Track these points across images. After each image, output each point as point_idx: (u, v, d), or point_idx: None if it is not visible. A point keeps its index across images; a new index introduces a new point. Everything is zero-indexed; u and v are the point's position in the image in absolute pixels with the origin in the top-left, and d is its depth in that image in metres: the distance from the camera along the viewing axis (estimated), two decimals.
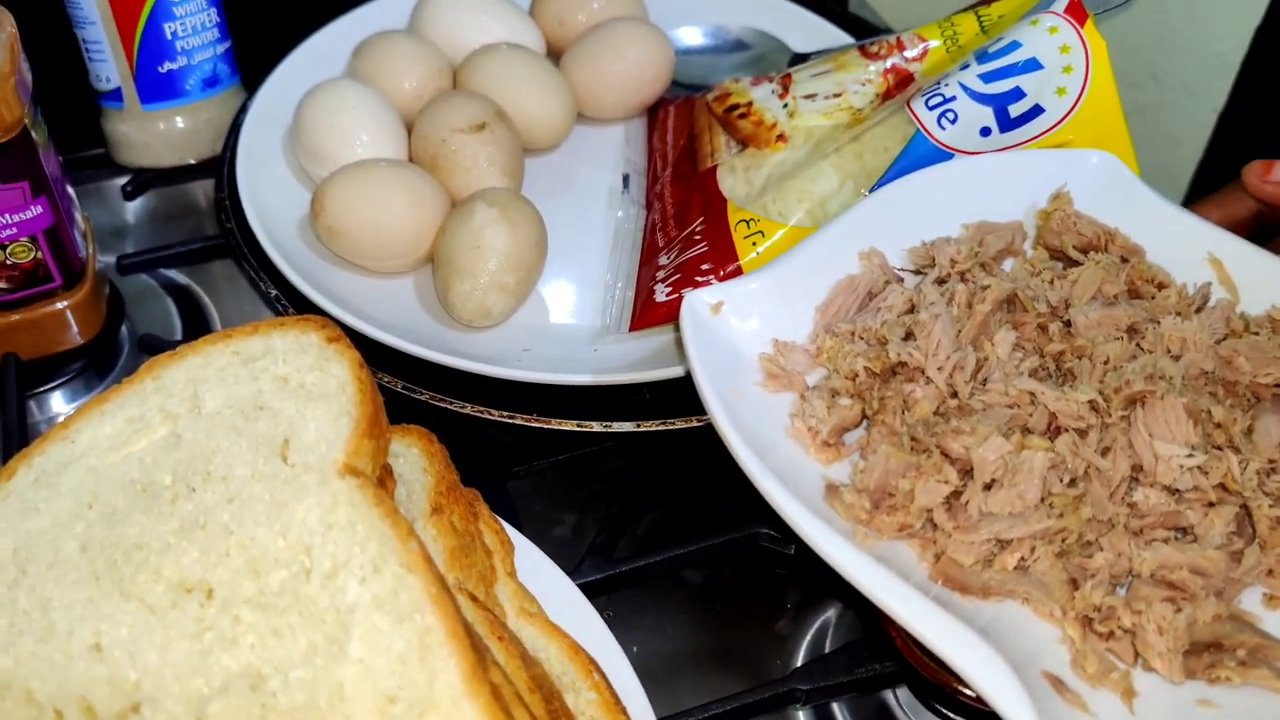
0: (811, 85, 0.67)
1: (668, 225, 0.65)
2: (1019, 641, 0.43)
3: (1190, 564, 0.42)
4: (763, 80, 0.70)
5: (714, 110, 0.70)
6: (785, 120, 0.66)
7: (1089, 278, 0.51)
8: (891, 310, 0.51)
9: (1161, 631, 0.41)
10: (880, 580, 0.41)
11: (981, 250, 0.53)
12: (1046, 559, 0.44)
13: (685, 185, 0.67)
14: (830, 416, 0.48)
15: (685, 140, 0.71)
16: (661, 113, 0.75)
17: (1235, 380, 0.48)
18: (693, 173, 0.67)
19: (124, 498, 0.40)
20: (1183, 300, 0.52)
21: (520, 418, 0.56)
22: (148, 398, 0.43)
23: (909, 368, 0.49)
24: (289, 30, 0.76)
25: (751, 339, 0.52)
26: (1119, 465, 0.45)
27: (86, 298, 0.63)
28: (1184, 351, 0.48)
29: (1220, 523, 0.43)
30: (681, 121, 0.72)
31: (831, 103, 0.66)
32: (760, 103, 0.68)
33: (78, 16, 0.69)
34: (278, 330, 0.44)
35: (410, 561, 0.37)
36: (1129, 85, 0.85)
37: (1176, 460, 0.44)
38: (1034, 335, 0.50)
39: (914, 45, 0.67)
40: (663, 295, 0.60)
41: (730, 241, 0.61)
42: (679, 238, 0.63)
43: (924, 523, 0.46)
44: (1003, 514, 0.44)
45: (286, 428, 0.41)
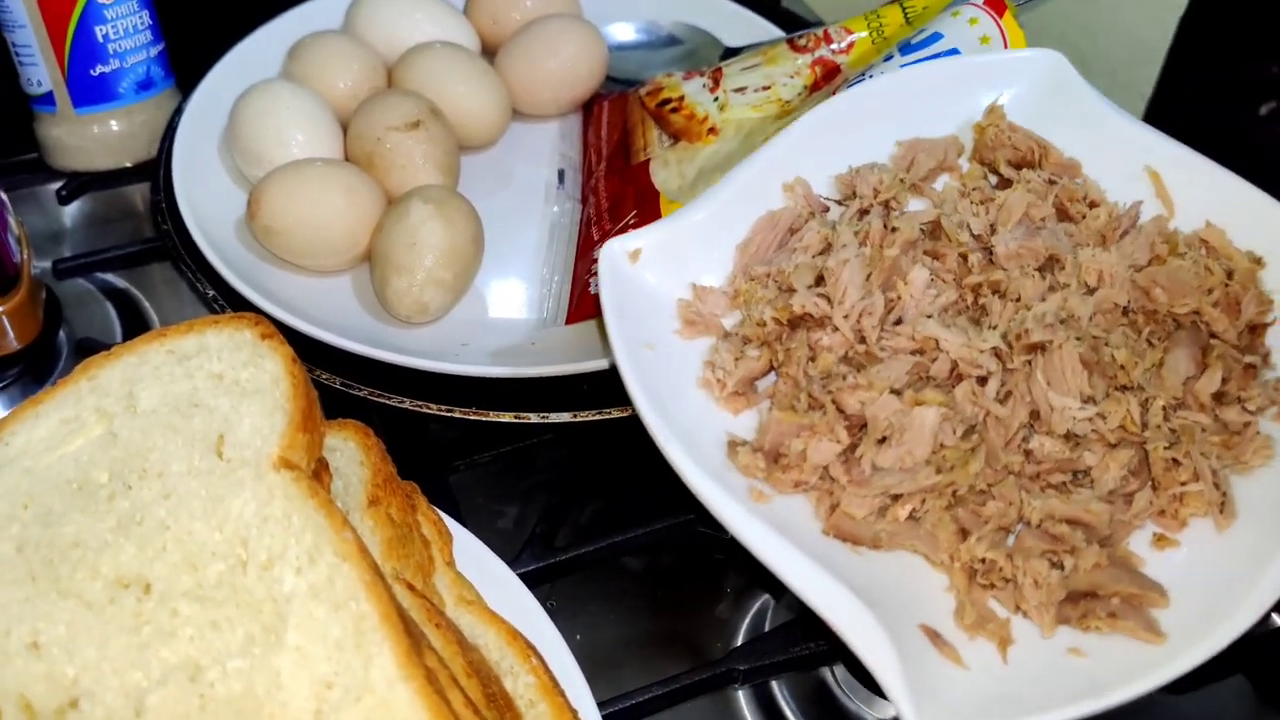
0: (741, 79, 0.69)
1: (602, 219, 0.66)
2: (907, 591, 0.44)
3: (1074, 515, 0.43)
4: (694, 75, 0.71)
5: (646, 105, 0.71)
6: (716, 113, 0.67)
7: (1015, 202, 0.51)
8: (807, 250, 0.51)
9: (1038, 585, 0.42)
10: (759, 534, 0.41)
11: (910, 174, 0.52)
12: (936, 511, 0.45)
13: (619, 179, 0.68)
14: (738, 368, 0.48)
15: (619, 135, 0.71)
16: (596, 108, 0.76)
17: (1153, 309, 0.48)
18: (626, 166, 0.68)
19: (60, 498, 0.41)
20: (1111, 221, 0.51)
21: (459, 411, 0.56)
22: (83, 398, 0.44)
23: (816, 316, 0.49)
24: (223, 32, 0.76)
25: (672, 285, 0.51)
26: (1017, 412, 0.45)
27: (22, 303, 0.63)
28: (1100, 285, 0.48)
29: (1116, 466, 0.44)
30: (615, 116, 0.73)
31: (761, 95, 0.67)
32: (692, 97, 0.69)
33: (7, 20, 0.69)
34: (212, 328, 0.45)
35: (345, 551, 0.38)
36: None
37: (1069, 412, 0.45)
38: (955, 266, 0.50)
39: (840, 38, 0.69)
40: (597, 288, 0.61)
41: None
42: (613, 230, 0.64)
43: (820, 476, 0.46)
44: (893, 469, 0.45)
45: (221, 423, 0.42)
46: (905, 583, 0.44)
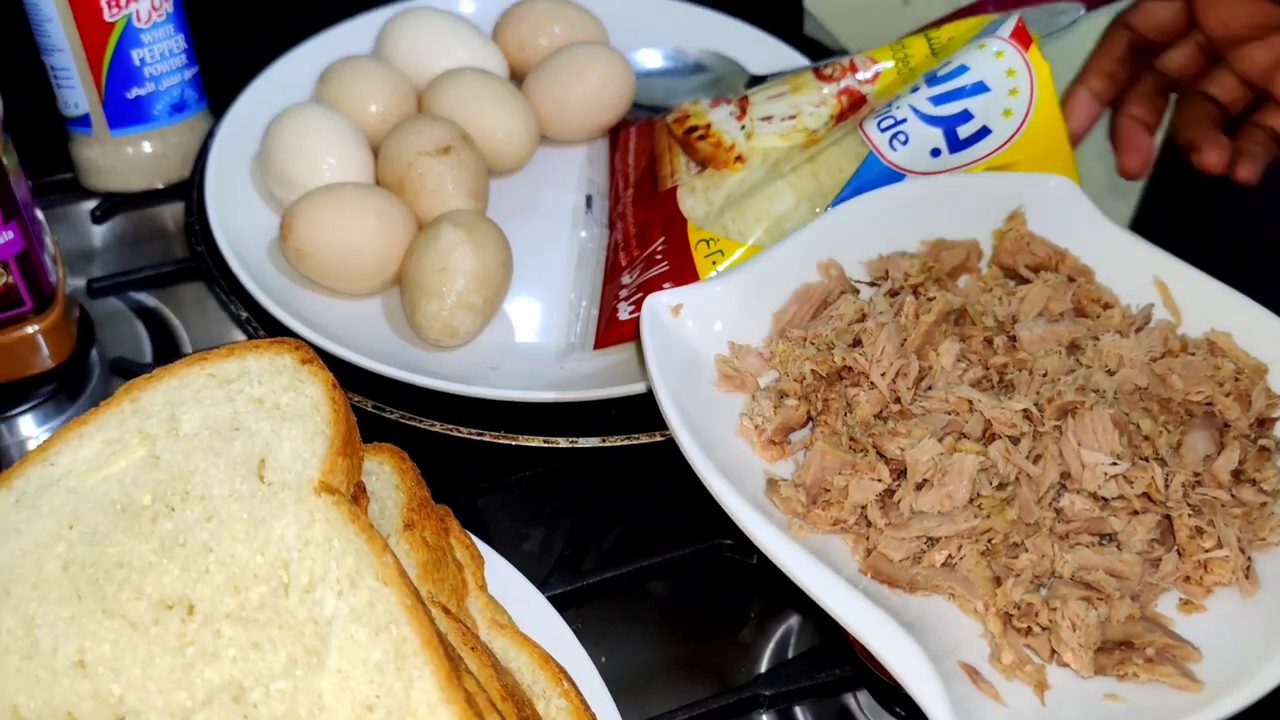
0: (768, 107, 0.69)
1: (630, 245, 0.67)
2: (942, 634, 0.45)
3: (1107, 566, 0.45)
4: (721, 102, 0.72)
5: (674, 132, 0.72)
6: (743, 142, 0.68)
7: (1036, 295, 0.53)
8: (843, 318, 0.53)
9: (1075, 628, 0.44)
10: (812, 571, 0.43)
11: (936, 266, 0.55)
12: (972, 557, 0.46)
13: (647, 205, 0.69)
14: (776, 416, 0.50)
15: (646, 161, 0.72)
16: (623, 134, 0.76)
17: (1169, 397, 0.50)
18: (654, 193, 0.69)
19: (104, 518, 0.42)
20: (1125, 320, 0.54)
21: (489, 435, 0.57)
22: (126, 420, 0.45)
23: (854, 372, 0.51)
24: (256, 55, 0.77)
25: (709, 341, 0.53)
26: (1048, 472, 0.47)
27: (57, 321, 0.64)
28: (1120, 367, 0.50)
29: (1142, 530, 0.46)
30: (643, 143, 0.74)
31: (787, 124, 0.68)
32: (719, 124, 0.70)
33: (46, 44, 0.70)
34: (252, 352, 0.46)
35: (385, 575, 0.38)
36: None
37: (1101, 468, 0.46)
38: (980, 348, 0.52)
39: (866, 68, 0.70)
40: (626, 314, 0.62)
41: (691, 260, 0.63)
42: (641, 257, 0.65)
43: (857, 518, 0.48)
44: (932, 513, 0.46)
45: (263, 447, 0.42)
46: (941, 626, 0.45)
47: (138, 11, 0.70)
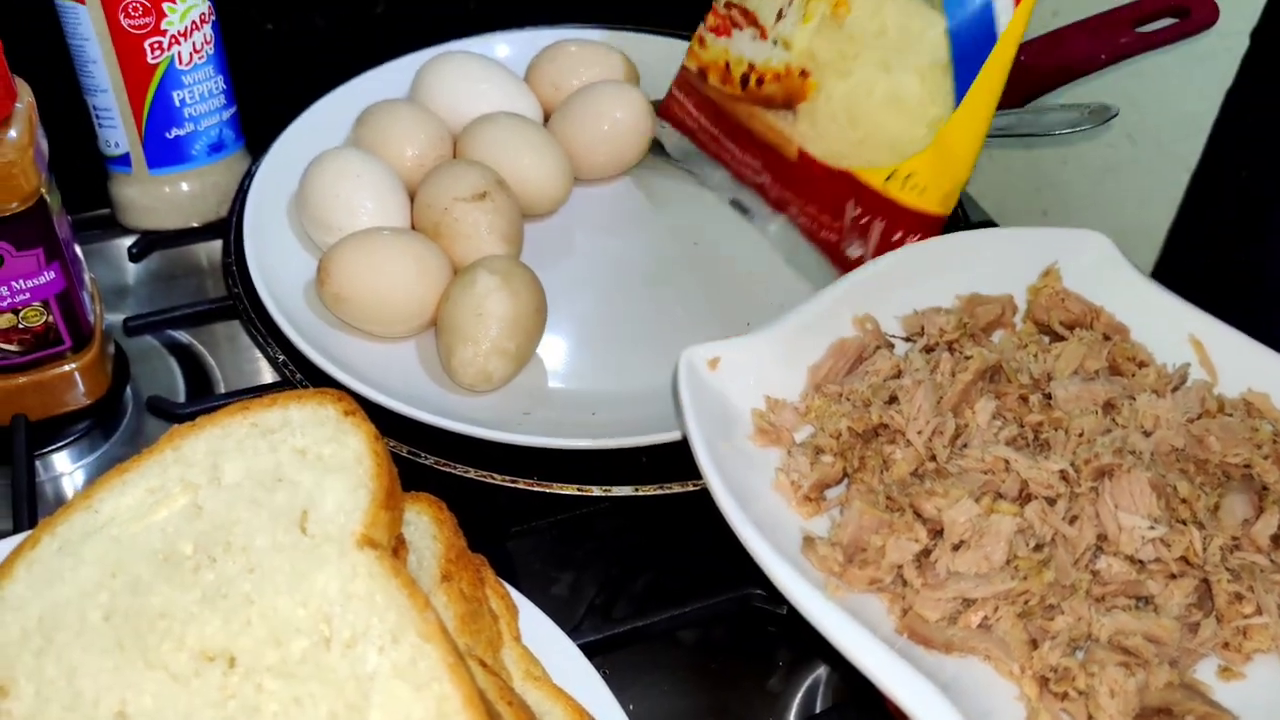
0: (770, 6, 0.69)
1: (823, 221, 0.68)
2: (978, 697, 0.45)
3: (1146, 631, 0.45)
4: (723, 32, 0.73)
5: (732, 96, 0.72)
6: (791, 58, 0.68)
7: (1071, 353, 0.54)
8: (879, 374, 0.54)
9: (1113, 694, 0.43)
10: (848, 631, 0.43)
11: (971, 322, 0.55)
12: (1008, 619, 0.46)
13: (799, 179, 0.69)
14: (813, 472, 0.51)
15: (744, 136, 0.72)
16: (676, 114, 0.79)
17: (1205, 458, 0.50)
18: (791, 164, 0.69)
19: (147, 567, 0.42)
20: (1161, 379, 0.54)
21: (522, 482, 0.57)
22: (168, 468, 0.45)
23: (890, 429, 0.51)
24: (293, 96, 0.78)
25: (745, 395, 0.54)
26: (1085, 533, 0.47)
27: (94, 359, 0.65)
28: (1156, 428, 0.50)
29: (1180, 594, 0.46)
30: (713, 115, 0.75)
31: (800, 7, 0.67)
32: (758, 57, 0.70)
33: (89, 84, 0.71)
34: (295, 402, 0.46)
35: (427, 631, 0.38)
36: (1104, 145, 0.89)
37: (1139, 531, 0.46)
38: (1015, 405, 0.52)
39: None
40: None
41: (896, 204, 0.64)
42: (851, 227, 0.66)
43: (894, 578, 0.48)
44: (969, 574, 0.47)
45: (305, 499, 0.43)
46: (976, 688, 0.45)
47: (180, 54, 0.71)
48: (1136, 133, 0.87)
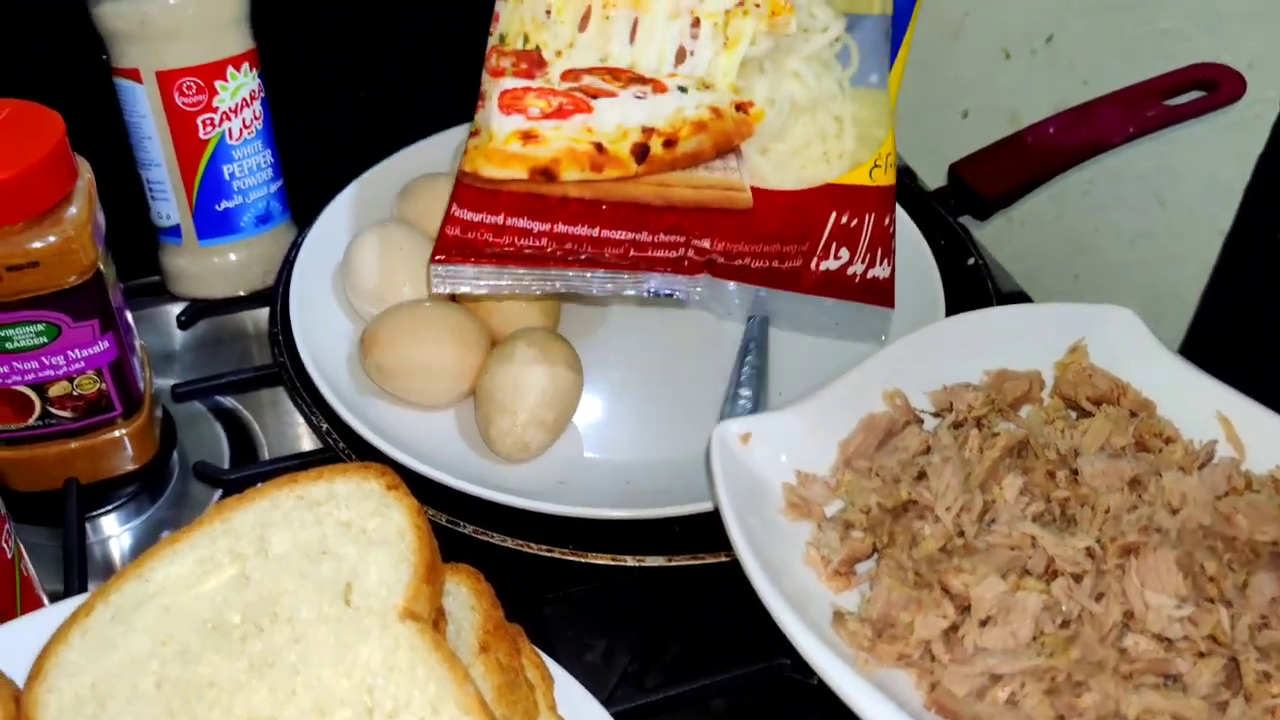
0: (647, 55, 0.60)
1: (785, 254, 0.62)
2: None
3: (1174, 710, 0.45)
4: (566, 114, 0.60)
5: (629, 178, 0.60)
6: (718, 97, 0.60)
7: (1098, 429, 0.54)
8: (908, 450, 0.55)
9: None
10: (877, 705, 0.44)
11: (999, 398, 0.56)
12: (1035, 695, 0.46)
13: (758, 222, 0.62)
14: (843, 547, 0.52)
15: (658, 221, 0.61)
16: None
17: (1233, 536, 0.51)
18: (746, 213, 0.62)
19: (196, 636, 0.43)
20: (1188, 456, 0.55)
21: (557, 551, 0.58)
22: (217, 539, 0.46)
23: (919, 506, 0.52)
24: (338, 169, 0.80)
25: (776, 469, 0.55)
26: (1111, 611, 0.47)
27: (143, 425, 0.67)
28: (1183, 506, 0.51)
29: (1208, 673, 0.46)
30: (563, 213, 0.61)
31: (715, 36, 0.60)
32: (653, 118, 0.60)
33: (144, 159, 0.74)
34: (340, 476, 0.48)
35: (467, 704, 0.40)
36: (1136, 210, 0.90)
37: (1165, 610, 0.46)
38: (1042, 481, 0.53)
39: None
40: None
41: (880, 190, 0.62)
42: (830, 239, 0.62)
43: (922, 653, 0.49)
44: (996, 649, 0.47)
45: (349, 572, 0.44)
46: None
47: (230, 129, 0.73)
48: (1168, 198, 0.88)
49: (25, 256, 0.57)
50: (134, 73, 0.71)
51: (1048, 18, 0.91)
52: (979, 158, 0.82)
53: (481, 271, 0.58)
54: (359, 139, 0.83)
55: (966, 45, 1.01)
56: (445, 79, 0.87)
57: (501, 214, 0.58)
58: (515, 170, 0.59)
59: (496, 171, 0.58)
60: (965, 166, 0.82)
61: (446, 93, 0.87)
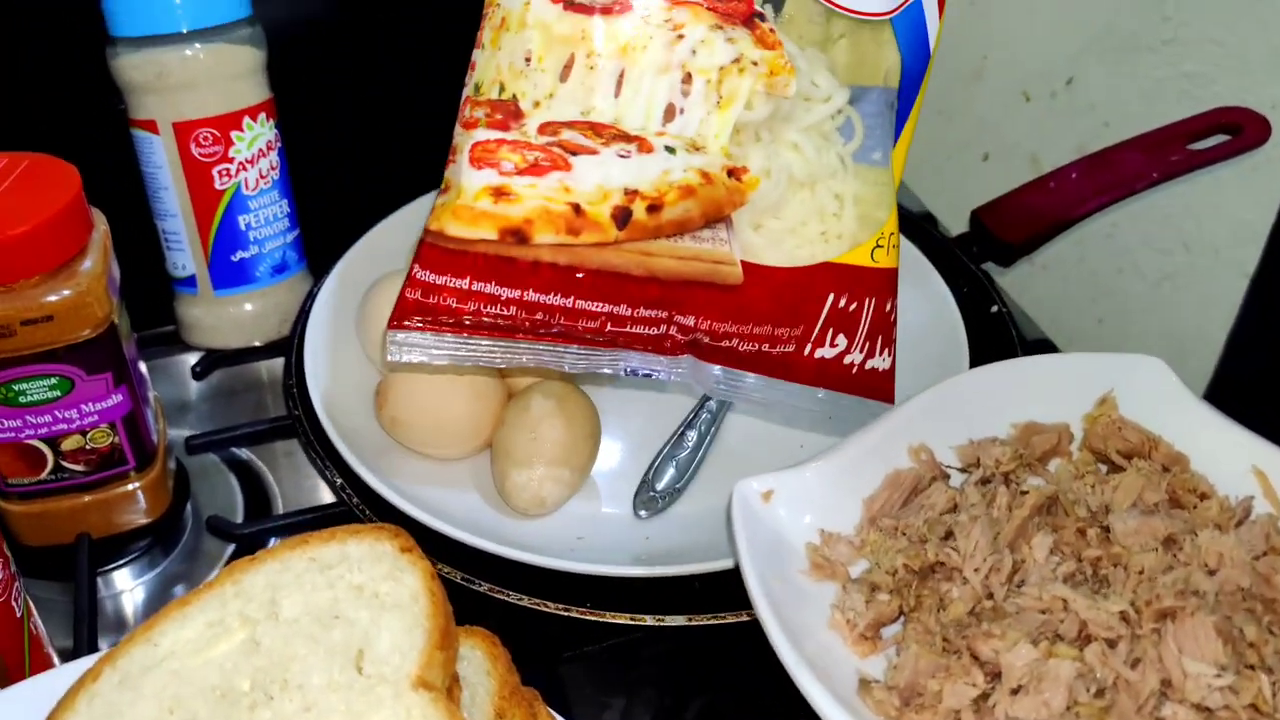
0: (632, 111, 0.53)
1: (777, 337, 0.57)
2: None
3: None
4: (542, 170, 0.52)
5: (609, 244, 0.53)
6: (709, 160, 0.53)
7: (1129, 485, 0.53)
8: (934, 508, 0.53)
9: None
10: None
11: (1027, 452, 0.55)
12: None
13: (748, 300, 0.56)
14: (868, 611, 0.50)
15: (639, 294, 0.54)
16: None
17: (1273, 598, 0.49)
18: (736, 289, 0.56)
19: (204, 703, 0.42)
20: (1224, 513, 0.53)
21: (575, 610, 0.57)
22: (228, 602, 0.46)
23: (947, 567, 0.51)
24: (354, 219, 0.80)
25: (799, 527, 0.54)
26: (1148, 678, 0.46)
27: (156, 478, 0.66)
28: (1220, 566, 0.49)
29: None
30: (536, 280, 0.54)
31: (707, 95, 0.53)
32: (638, 180, 0.52)
33: (160, 210, 0.74)
34: (353, 538, 0.47)
35: None
36: (1160, 252, 0.89)
37: (1205, 679, 0.45)
38: (1072, 539, 0.52)
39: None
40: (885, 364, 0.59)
41: (883, 273, 0.57)
42: (828, 323, 0.57)
43: None
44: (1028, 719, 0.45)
45: (361, 638, 0.43)
46: None
47: (246, 180, 0.73)
48: (1192, 241, 0.87)
49: (40, 310, 0.56)
50: (151, 124, 0.71)
51: (1067, 60, 0.91)
52: (1001, 203, 0.81)
53: (442, 341, 0.52)
54: (375, 188, 0.83)
55: (986, 88, 1.00)
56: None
57: (467, 277, 0.52)
58: (484, 230, 0.51)
59: (464, 230, 0.51)
60: (987, 212, 0.81)
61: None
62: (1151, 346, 0.93)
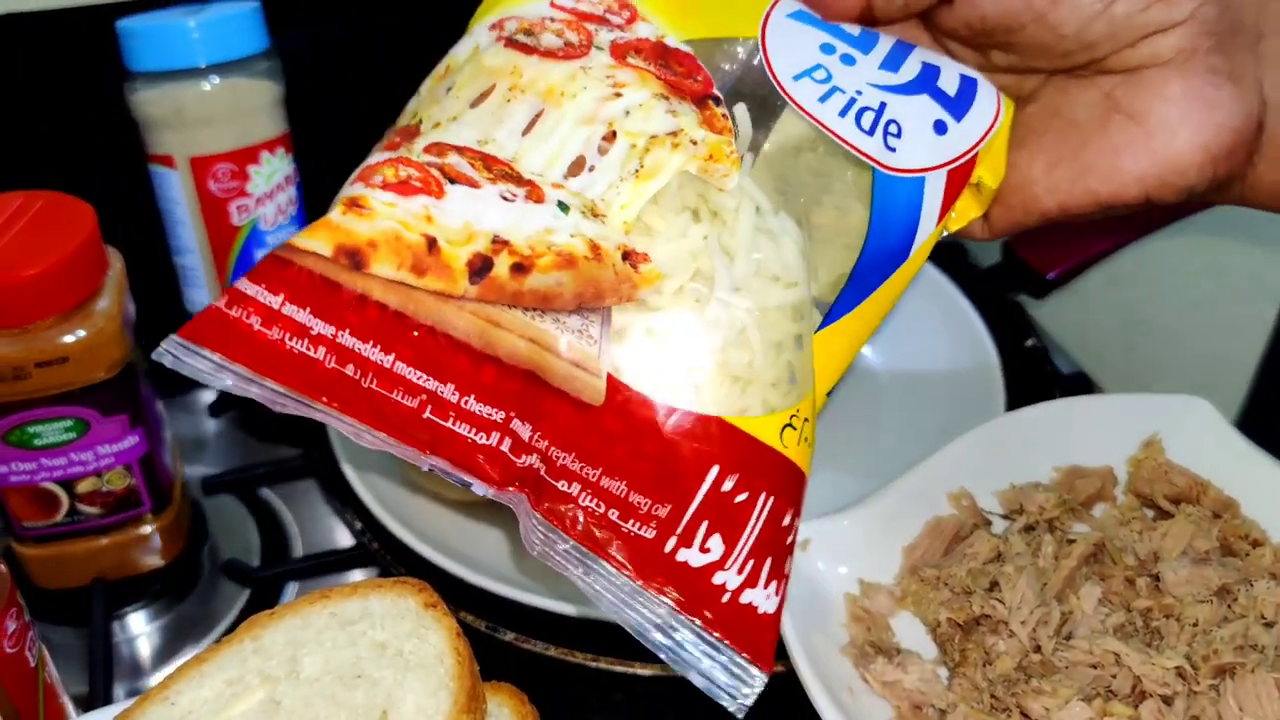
0: (535, 152, 0.43)
1: (633, 508, 0.41)
2: None
3: None
4: (412, 190, 0.42)
5: (453, 296, 0.41)
6: (606, 232, 0.41)
7: (1179, 532, 0.51)
8: (977, 558, 0.52)
9: None
10: None
11: (1070, 497, 0.53)
12: None
13: (602, 433, 0.41)
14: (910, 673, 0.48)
15: (471, 376, 0.42)
16: None
17: None
18: (591, 411, 0.41)
19: None
20: (1278, 560, 0.51)
21: (604, 660, 0.56)
22: (247, 659, 0.44)
23: (992, 619, 0.49)
24: None
25: (836, 577, 0.52)
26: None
27: (172, 520, 0.65)
28: (1278, 618, 0.47)
29: None
30: (357, 317, 0.42)
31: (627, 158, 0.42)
32: (515, 230, 0.41)
33: (177, 245, 0.73)
34: (375, 592, 0.45)
35: None
36: (1191, 278, 0.87)
37: None
38: (1121, 589, 0.50)
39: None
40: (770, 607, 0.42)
41: (791, 467, 0.42)
42: (701, 513, 0.41)
43: None
44: None
45: (385, 699, 0.41)
46: None
47: (264, 215, 0.72)
48: (1223, 268, 0.86)
49: (55, 352, 0.55)
50: (168, 159, 0.70)
51: None
52: (1036, 233, 0.79)
53: (225, 368, 0.41)
54: None
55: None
56: None
57: (281, 295, 0.41)
58: (319, 241, 0.41)
59: (302, 240, 0.41)
60: (1021, 243, 0.79)
61: None
62: (1181, 374, 0.92)
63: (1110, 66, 0.45)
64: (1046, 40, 0.45)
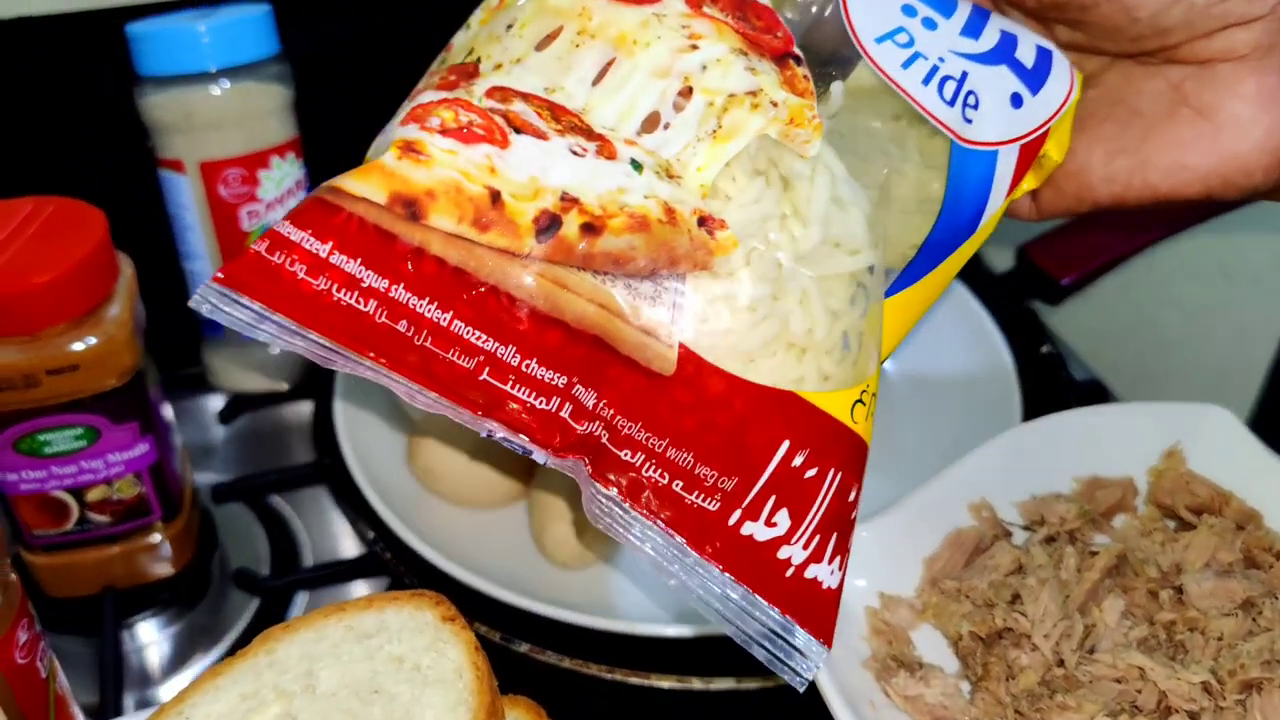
0: (607, 105, 0.40)
1: (698, 480, 0.40)
2: None
3: None
4: (473, 138, 0.39)
5: (520, 256, 0.38)
6: (682, 195, 0.39)
7: (1202, 544, 0.50)
8: (998, 570, 0.51)
9: None
10: None
11: (1091, 508, 0.53)
12: None
13: (670, 404, 0.40)
14: (933, 688, 0.48)
15: (536, 340, 0.39)
16: None
17: None
18: (663, 381, 0.40)
19: None
20: None
21: (619, 673, 0.55)
22: (262, 673, 0.43)
23: (1015, 633, 0.48)
24: None
25: (855, 590, 0.51)
26: None
27: (182, 528, 0.64)
28: None
29: None
30: (413, 273, 0.39)
31: (709, 121, 0.40)
32: (585, 187, 0.39)
33: (186, 251, 0.72)
34: (391, 605, 0.45)
35: None
36: (1201, 283, 0.87)
37: None
38: (1144, 601, 0.49)
39: None
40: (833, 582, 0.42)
41: (860, 443, 0.42)
42: (768, 488, 0.40)
43: None
44: None
45: (403, 714, 0.41)
46: None
47: (274, 221, 0.71)
48: (1233, 271, 0.85)
49: (65, 360, 0.55)
50: (177, 163, 0.69)
51: None
52: (1050, 239, 0.79)
53: (266, 317, 0.39)
54: None
55: None
56: None
57: (329, 243, 0.38)
58: (372, 186, 0.39)
59: (352, 184, 0.39)
60: (1036, 248, 0.79)
61: None
62: (1192, 377, 0.92)
63: (1181, 56, 0.44)
64: (1119, 21, 0.43)
